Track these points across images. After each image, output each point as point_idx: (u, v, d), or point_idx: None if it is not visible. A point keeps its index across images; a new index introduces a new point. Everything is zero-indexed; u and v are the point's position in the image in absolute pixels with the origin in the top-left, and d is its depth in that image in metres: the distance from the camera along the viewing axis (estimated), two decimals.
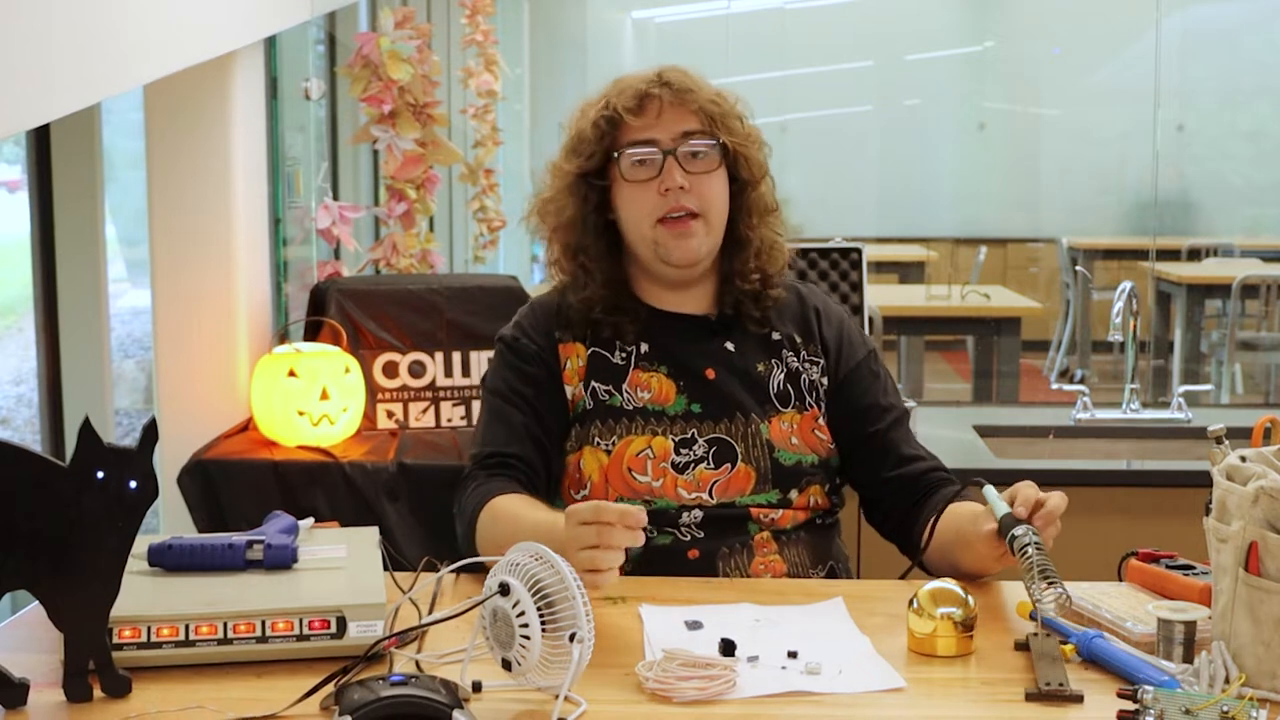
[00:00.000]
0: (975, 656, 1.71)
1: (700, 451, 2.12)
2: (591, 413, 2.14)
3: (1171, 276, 7.67)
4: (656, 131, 2.12)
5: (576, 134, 2.17)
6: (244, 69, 3.38)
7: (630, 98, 2.13)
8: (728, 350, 2.19)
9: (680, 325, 2.20)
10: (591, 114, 2.15)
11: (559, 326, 2.20)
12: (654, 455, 2.12)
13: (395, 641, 1.69)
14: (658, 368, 2.17)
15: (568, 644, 1.51)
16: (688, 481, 2.11)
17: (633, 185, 2.13)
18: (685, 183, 2.11)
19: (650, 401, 2.14)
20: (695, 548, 2.10)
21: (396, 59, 3.78)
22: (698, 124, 2.13)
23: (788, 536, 2.14)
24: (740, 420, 2.14)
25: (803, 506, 2.15)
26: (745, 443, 2.13)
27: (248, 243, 3.47)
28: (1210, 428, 1.73)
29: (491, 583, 1.56)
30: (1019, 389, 6.51)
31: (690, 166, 2.12)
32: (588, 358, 2.18)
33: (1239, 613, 1.56)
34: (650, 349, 2.18)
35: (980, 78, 10.21)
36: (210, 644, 1.63)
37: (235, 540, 1.81)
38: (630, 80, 2.15)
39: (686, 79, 2.15)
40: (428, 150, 3.93)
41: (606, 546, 1.75)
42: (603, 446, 2.13)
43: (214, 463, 3.21)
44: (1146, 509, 3.07)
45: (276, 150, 3.75)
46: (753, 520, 2.12)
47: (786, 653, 1.69)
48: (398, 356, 3.56)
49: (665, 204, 2.11)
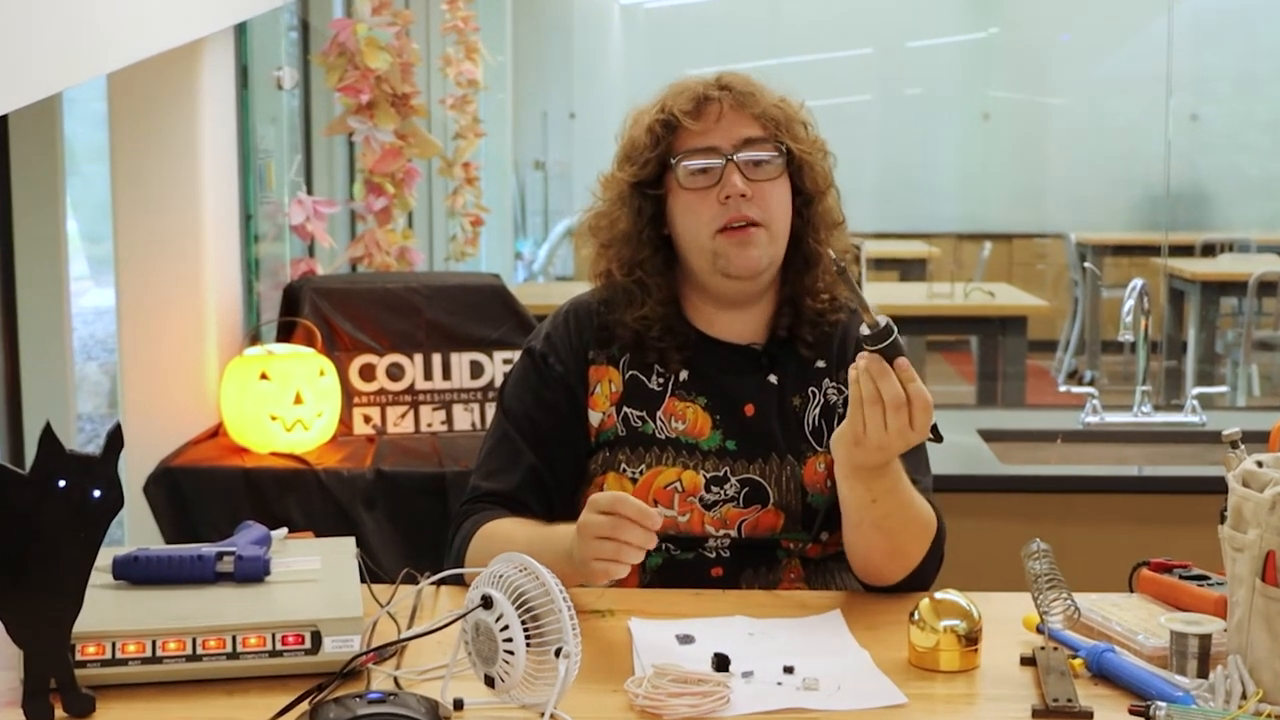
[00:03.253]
0: (979, 671, 1.72)
1: (731, 492, 2.09)
2: (623, 439, 2.11)
3: (1185, 273, 7.68)
4: (715, 138, 2.08)
5: (630, 141, 2.12)
6: (213, 57, 3.37)
7: (688, 100, 2.08)
8: (770, 384, 2.14)
9: (726, 354, 2.15)
10: (646, 120, 2.10)
11: (596, 345, 2.16)
12: (683, 489, 2.09)
13: (373, 657, 1.68)
14: (695, 398, 2.13)
15: (553, 659, 1.51)
16: (714, 519, 2.09)
17: (691, 194, 2.08)
18: (747, 190, 2.06)
19: (684, 433, 2.11)
20: (720, 566, 2.09)
21: (374, 47, 3.78)
22: (760, 130, 2.09)
23: (816, 565, 2.13)
24: (775, 462, 2.10)
25: (833, 543, 2.12)
26: (779, 487, 2.10)
27: (217, 239, 3.46)
28: (1225, 431, 1.74)
29: (473, 595, 1.56)
30: (1025, 391, 6.51)
31: (752, 174, 2.07)
32: (624, 383, 2.14)
33: (1256, 625, 1.57)
34: (690, 377, 2.13)
35: (985, 65, 10.23)
36: (178, 661, 1.63)
37: (204, 552, 1.80)
38: (688, 83, 2.10)
39: (748, 84, 2.11)
40: (407, 142, 3.93)
41: (618, 540, 1.77)
42: (629, 474, 2.10)
43: (182, 470, 3.20)
44: (1159, 517, 3.07)
45: (247, 142, 3.74)
46: (781, 548, 2.11)
47: (782, 668, 1.69)
48: (375, 359, 3.56)
49: (725, 213, 2.06)
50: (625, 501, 1.78)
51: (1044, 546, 1.77)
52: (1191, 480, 3.12)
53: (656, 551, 2.06)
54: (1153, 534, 3.04)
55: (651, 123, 2.09)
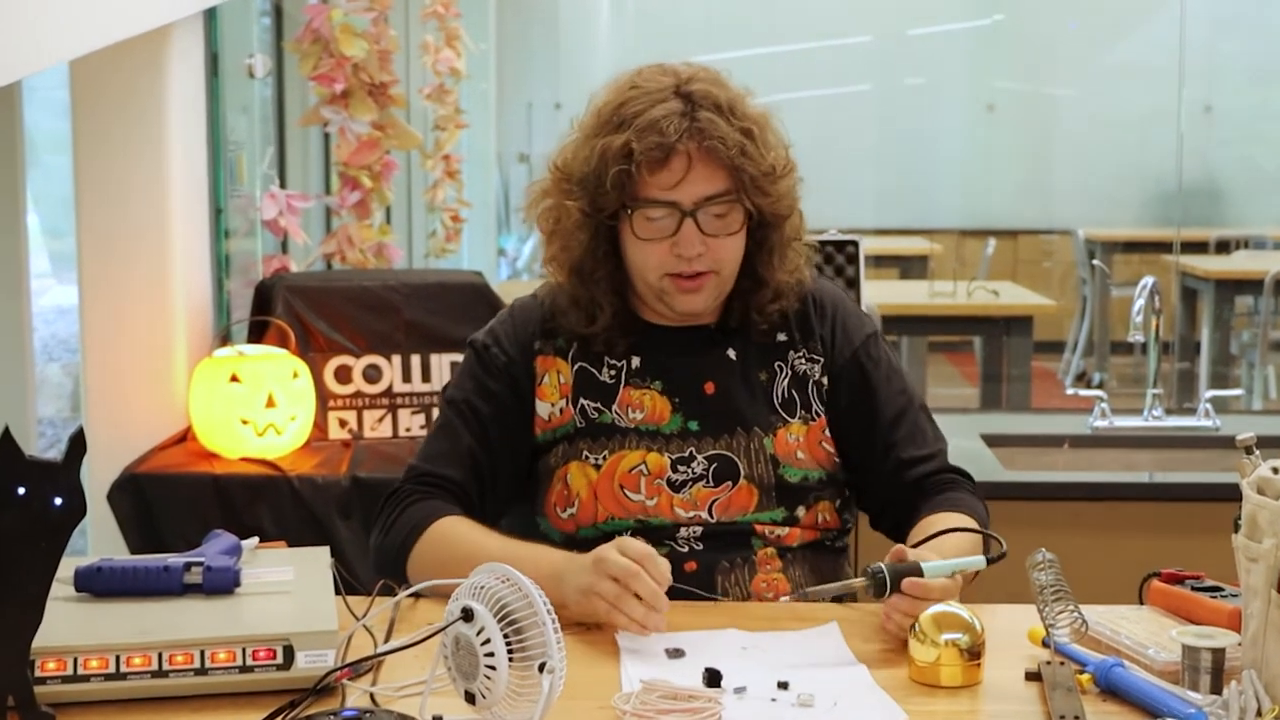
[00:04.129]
0: (983, 687, 1.72)
1: (699, 469, 2.13)
2: (583, 430, 2.16)
3: (1198, 271, 7.69)
4: (678, 194, 2.09)
5: (593, 173, 2.10)
6: (181, 43, 3.37)
7: (654, 147, 2.06)
8: (729, 359, 2.20)
9: (677, 336, 2.20)
10: (611, 151, 2.08)
11: (542, 336, 2.21)
12: (649, 471, 2.13)
13: (348, 673, 1.68)
14: (650, 384, 2.17)
15: (537, 674, 1.51)
16: (684, 500, 2.12)
17: (643, 241, 2.12)
18: (703, 248, 2.10)
19: (643, 421, 2.16)
20: (694, 560, 2.10)
21: (350, 33, 3.78)
22: (725, 185, 2.09)
23: (794, 555, 2.15)
24: (742, 435, 2.15)
25: (810, 525, 2.16)
26: (748, 459, 2.14)
27: (186, 235, 3.46)
28: (1239, 436, 1.73)
29: (453, 608, 1.56)
30: (1031, 394, 6.51)
31: (711, 229, 2.10)
32: (573, 374, 2.18)
33: (1272, 639, 1.57)
34: (642, 364, 2.19)
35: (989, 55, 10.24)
36: (143, 677, 1.62)
37: (171, 562, 1.80)
38: (654, 116, 2.07)
39: (715, 120, 2.08)
40: (384, 133, 3.93)
41: (621, 611, 1.83)
42: (592, 461, 2.14)
43: (148, 477, 3.20)
44: (1170, 525, 3.08)
45: (217, 133, 3.74)
46: (756, 535, 2.13)
47: (777, 683, 1.69)
48: (351, 360, 3.56)
49: (678, 264, 2.11)
50: (640, 579, 1.83)
51: (1050, 557, 1.78)
52: (1204, 487, 3.13)
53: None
54: (1164, 544, 3.04)
55: (616, 168, 2.07)
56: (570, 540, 2.12)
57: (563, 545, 2.09)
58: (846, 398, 2.21)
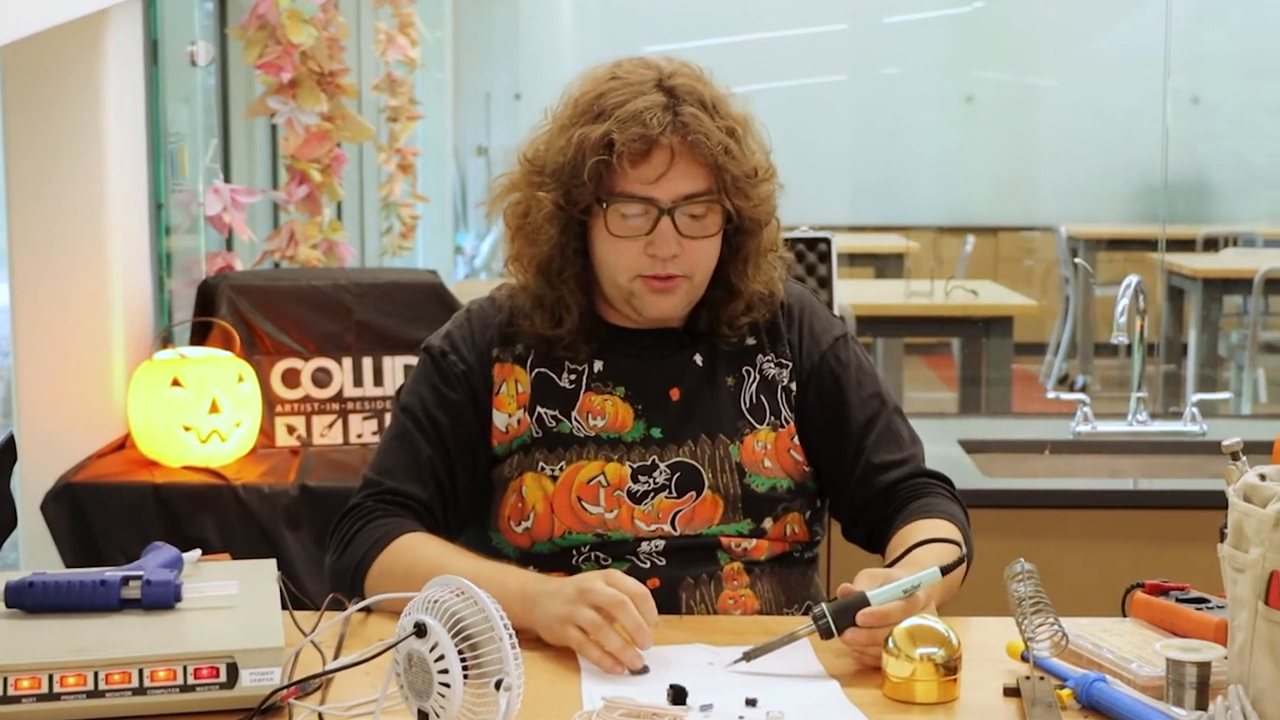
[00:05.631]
0: (959, 703, 1.72)
1: (661, 479, 2.13)
2: (539, 440, 2.15)
3: (1185, 270, 7.73)
4: (657, 190, 2.09)
5: (569, 163, 2.10)
6: (118, 29, 3.35)
7: (636, 139, 2.06)
8: (696, 365, 2.20)
9: (642, 340, 2.20)
10: (590, 142, 2.08)
11: (500, 342, 2.20)
12: (608, 483, 2.13)
13: (295, 691, 1.68)
14: (613, 389, 2.17)
15: (493, 692, 1.51)
16: (646, 513, 2.12)
17: (616, 238, 2.12)
18: (678, 250, 2.10)
19: (605, 429, 2.15)
20: (656, 576, 2.10)
21: (297, 20, 3.77)
22: (705, 184, 2.10)
23: (761, 569, 2.15)
24: (707, 442, 2.15)
25: (779, 537, 2.16)
26: (713, 468, 2.14)
27: (124, 231, 3.44)
28: (1225, 442, 1.75)
29: (405, 622, 1.56)
30: (1011, 398, 6.54)
31: (687, 230, 2.10)
32: (530, 383, 2.18)
33: (1259, 652, 1.57)
34: (605, 368, 2.18)
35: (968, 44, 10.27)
36: (78, 697, 1.62)
37: (109, 576, 1.80)
38: (636, 107, 2.07)
39: (699, 115, 2.09)
40: (334, 125, 3.92)
41: (596, 643, 1.81)
42: (548, 472, 2.13)
43: (84, 486, 3.18)
44: (1154, 534, 3.10)
45: (157, 125, 3.73)
46: (722, 549, 2.13)
47: (745, 700, 1.69)
48: (299, 363, 3.55)
49: (651, 265, 2.11)
50: (628, 612, 1.82)
51: (1029, 567, 1.78)
52: (1190, 495, 3.15)
53: (587, 562, 2.10)
54: (1148, 553, 3.06)
55: (594, 159, 2.08)
56: (525, 556, 2.12)
57: (517, 561, 2.09)
58: (816, 403, 2.22)
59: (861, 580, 1.87)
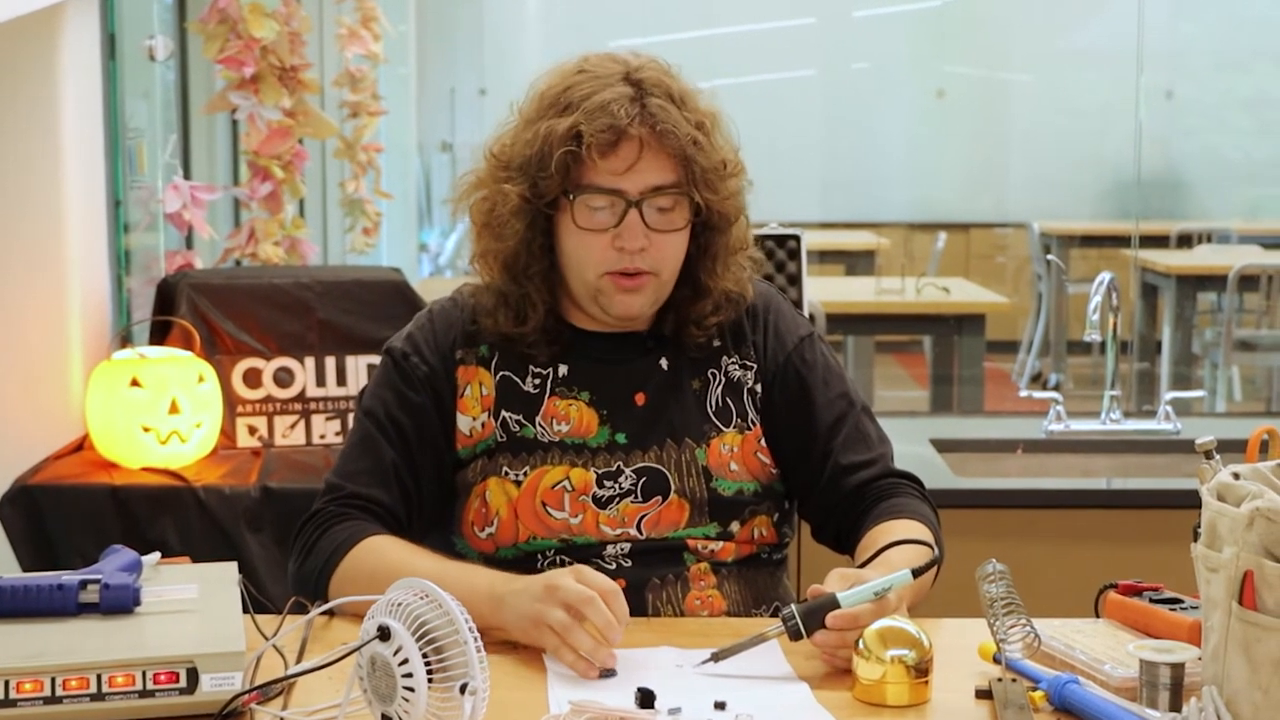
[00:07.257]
0: (930, 705, 1.73)
1: (627, 484, 2.14)
2: (503, 444, 2.15)
3: (1158, 267, 7.76)
4: (624, 182, 2.09)
5: (535, 156, 2.11)
6: (75, 23, 3.34)
7: (604, 130, 2.07)
8: (661, 369, 2.20)
9: (607, 344, 2.21)
10: (557, 134, 2.08)
11: (464, 344, 2.20)
12: (572, 488, 2.13)
13: (257, 696, 1.68)
14: (577, 394, 2.17)
15: (458, 696, 1.51)
16: (611, 517, 2.12)
17: (583, 231, 2.12)
18: (646, 243, 2.10)
19: (569, 434, 2.15)
20: (623, 577, 2.09)
21: (259, 13, 3.76)
22: (673, 175, 2.10)
23: (729, 570, 2.15)
24: (673, 447, 2.16)
25: (746, 540, 2.17)
26: (679, 472, 2.15)
27: (82, 229, 3.43)
28: (1199, 441, 1.75)
29: (369, 626, 1.56)
30: (983, 397, 6.56)
31: (655, 223, 2.11)
32: (495, 385, 2.18)
33: (1233, 653, 1.58)
34: (570, 372, 2.18)
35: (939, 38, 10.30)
36: (34, 703, 1.61)
37: (66, 580, 1.79)
38: (605, 98, 2.08)
39: (667, 107, 2.09)
40: (296, 121, 3.91)
41: (568, 644, 1.81)
42: (512, 477, 2.13)
43: (41, 489, 3.17)
44: (1128, 534, 3.11)
45: (115, 120, 3.71)
46: (689, 551, 2.13)
47: (714, 703, 1.69)
48: (261, 363, 3.54)
49: (618, 260, 2.11)
50: (598, 610, 1.81)
51: (1001, 568, 1.79)
52: (1164, 494, 3.16)
53: (552, 566, 2.10)
54: (1121, 553, 3.07)
55: (562, 149, 2.08)
56: (489, 561, 2.12)
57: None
58: (782, 404, 2.22)
59: (832, 580, 1.87)
